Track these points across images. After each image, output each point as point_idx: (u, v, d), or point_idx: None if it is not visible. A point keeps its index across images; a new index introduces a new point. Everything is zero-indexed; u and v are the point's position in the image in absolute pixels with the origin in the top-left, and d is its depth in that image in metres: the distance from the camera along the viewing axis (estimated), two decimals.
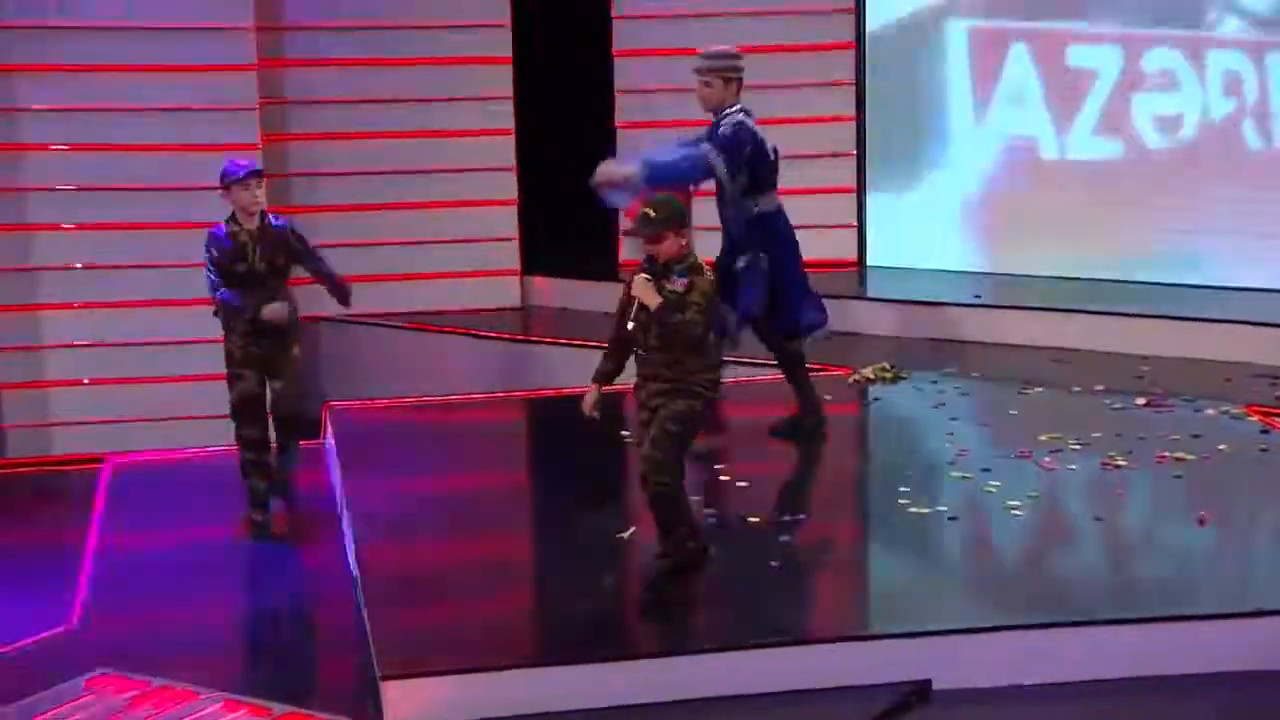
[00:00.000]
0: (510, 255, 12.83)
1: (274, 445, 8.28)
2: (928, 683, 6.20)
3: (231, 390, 8.17)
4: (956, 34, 12.27)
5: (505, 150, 12.68)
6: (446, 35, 12.49)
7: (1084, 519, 7.70)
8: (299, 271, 8.28)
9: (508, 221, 12.80)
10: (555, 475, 8.84)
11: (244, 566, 8.11)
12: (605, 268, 12.75)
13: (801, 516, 7.66)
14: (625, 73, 12.77)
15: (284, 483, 8.32)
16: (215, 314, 8.18)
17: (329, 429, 9.54)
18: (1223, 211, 11.42)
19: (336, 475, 8.77)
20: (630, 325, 6.48)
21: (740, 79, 8.44)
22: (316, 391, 11.84)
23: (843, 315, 10.59)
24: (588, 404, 6.73)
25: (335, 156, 12.51)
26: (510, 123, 12.67)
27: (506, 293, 12.84)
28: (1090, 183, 11.81)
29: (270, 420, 8.28)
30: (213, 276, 8.03)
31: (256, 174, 7.98)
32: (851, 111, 12.73)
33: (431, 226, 12.61)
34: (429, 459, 9.05)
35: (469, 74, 12.56)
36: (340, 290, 8.32)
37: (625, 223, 7.28)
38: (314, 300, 11.66)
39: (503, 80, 12.63)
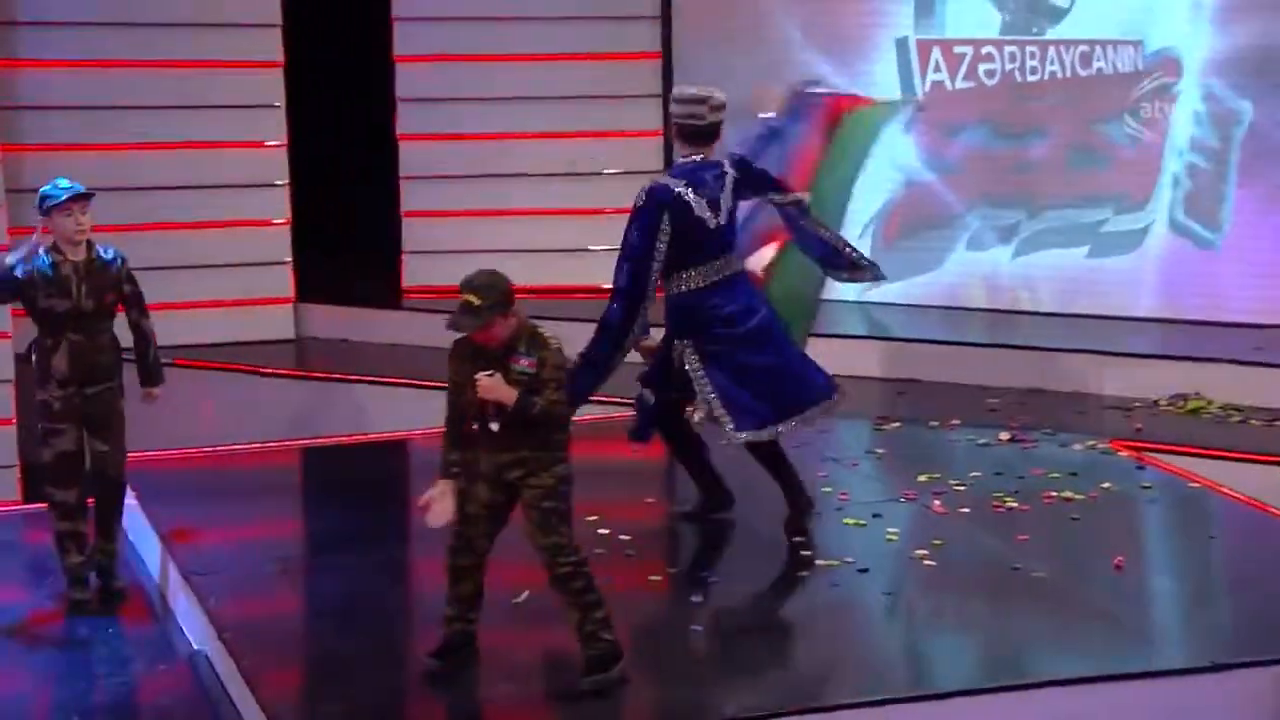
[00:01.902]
0: (282, 281, 12.50)
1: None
2: None
3: (45, 449, 7.71)
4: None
5: (278, 165, 12.40)
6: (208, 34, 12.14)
7: (1000, 568, 7.79)
8: None
9: (280, 244, 12.50)
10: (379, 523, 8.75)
11: (75, 653, 7.59)
12: (387, 294, 12.66)
13: (707, 575, 7.61)
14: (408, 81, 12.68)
15: (111, 556, 7.90)
16: (28, 357, 7.76)
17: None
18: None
19: (148, 537, 8.41)
20: (494, 427, 6.24)
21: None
22: None
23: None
24: (438, 514, 6.40)
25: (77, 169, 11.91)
26: (282, 135, 12.37)
27: (279, 323, 12.49)
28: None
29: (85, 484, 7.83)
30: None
31: (81, 197, 7.52)
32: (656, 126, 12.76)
33: (196, 250, 12.23)
34: (241, 509, 8.82)
35: (236, 79, 12.21)
36: (153, 368, 7.88)
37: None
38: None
39: (273, 86, 12.34)
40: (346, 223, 13.10)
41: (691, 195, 7.73)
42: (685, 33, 12.54)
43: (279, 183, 12.39)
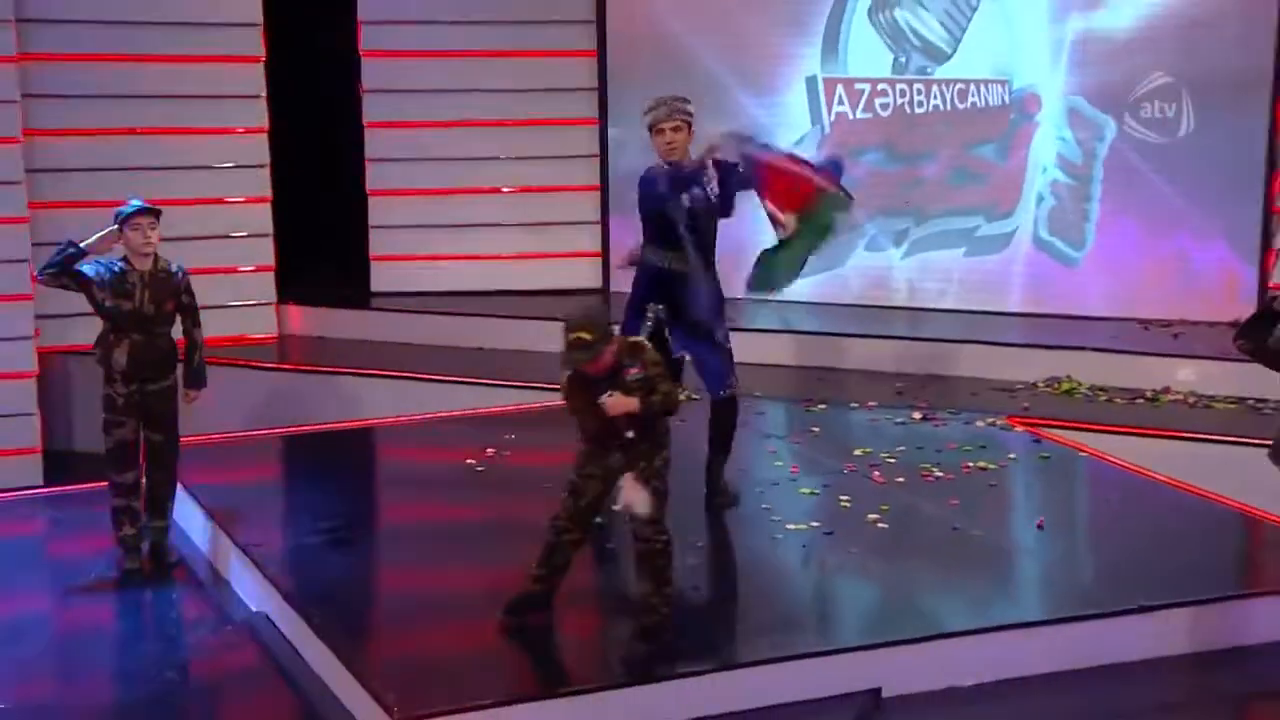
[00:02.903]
0: (267, 284, 12.19)
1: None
2: (878, 690, 6.27)
3: (108, 436, 7.61)
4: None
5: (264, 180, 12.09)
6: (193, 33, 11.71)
7: (942, 528, 7.86)
8: None
9: (264, 250, 12.16)
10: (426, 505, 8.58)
11: (142, 614, 7.51)
12: (357, 297, 12.55)
13: (695, 540, 7.52)
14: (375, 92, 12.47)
15: (163, 532, 7.81)
16: (96, 359, 7.61)
17: None
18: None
19: (194, 514, 8.24)
20: (630, 435, 6.20)
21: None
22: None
23: None
24: (641, 502, 6.23)
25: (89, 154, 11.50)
26: (265, 156, 12.04)
27: (264, 322, 12.19)
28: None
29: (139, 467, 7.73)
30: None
31: (149, 212, 7.42)
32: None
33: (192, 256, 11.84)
34: (278, 486, 8.77)
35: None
36: (197, 372, 7.77)
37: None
38: (64, 331, 11.06)
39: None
40: (321, 235, 12.90)
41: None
42: (618, 72, 12.42)
43: (265, 197, 12.05)
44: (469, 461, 8.91)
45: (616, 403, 6.10)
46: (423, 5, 12.28)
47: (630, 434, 6.17)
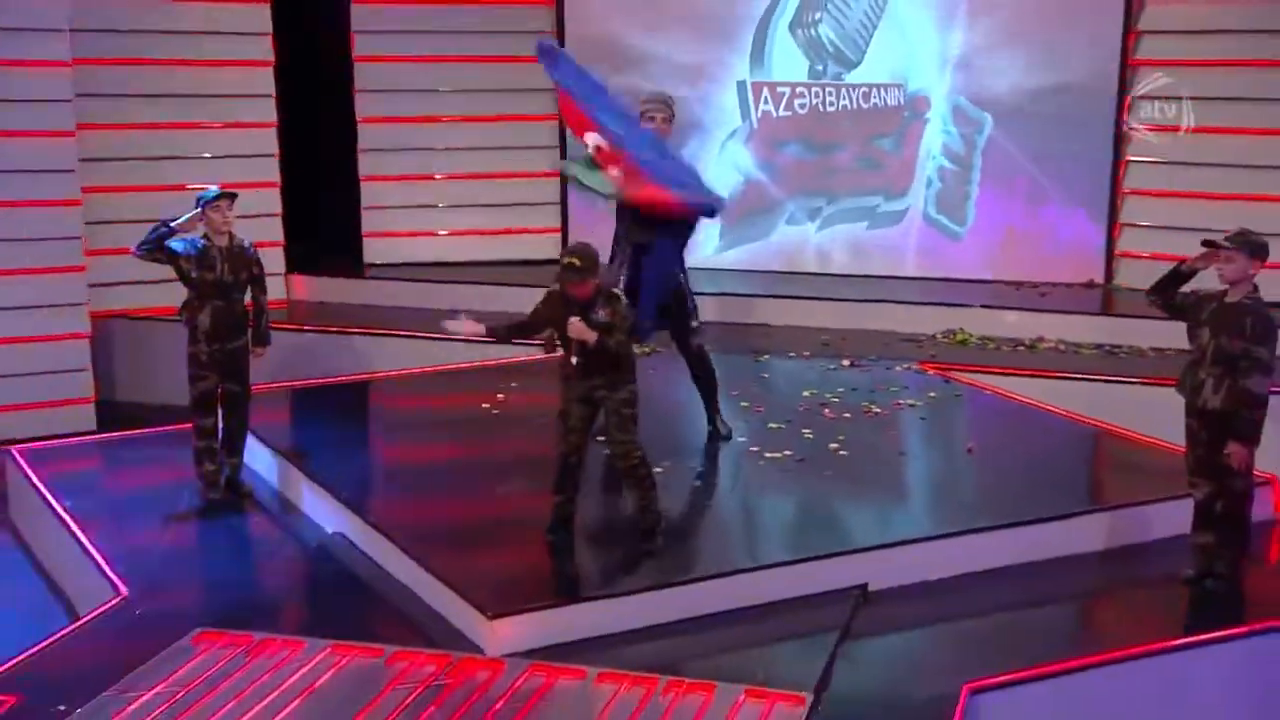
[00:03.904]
0: (277, 257, 12.02)
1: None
2: (865, 586, 6.55)
3: (193, 387, 7.67)
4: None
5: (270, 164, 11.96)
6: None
7: (892, 454, 8.12)
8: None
9: (274, 230, 12.00)
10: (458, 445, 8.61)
11: (233, 534, 7.54)
12: (354, 267, 12.55)
13: (694, 466, 7.72)
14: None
15: (237, 468, 7.92)
16: (182, 321, 7.67)
17: None
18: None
19: (261, 453, 8.27)
20: (574, 361, 6.42)
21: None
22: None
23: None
24: (465, 328, 6.66)
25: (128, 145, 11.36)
26: (274, 147, 11.93)
27: (274, 289, 12.00)
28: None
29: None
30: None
31: (226, 196, 7.51)
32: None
33: None
34: (333, 435, 8.68)
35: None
36: (264, 333, 7.83)
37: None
38: (110, 298, 11.03)
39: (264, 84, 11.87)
40: (321, 216, 12.89)
41: None
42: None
43: (274, 182, 11.95)
44: (484, 405, 9.03)
45: (578, 327, 6.33)
46: (406, 18, 12.24)
47: (575, 360, 6.41)
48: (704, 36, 12.19)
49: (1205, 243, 6.45)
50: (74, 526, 7.39)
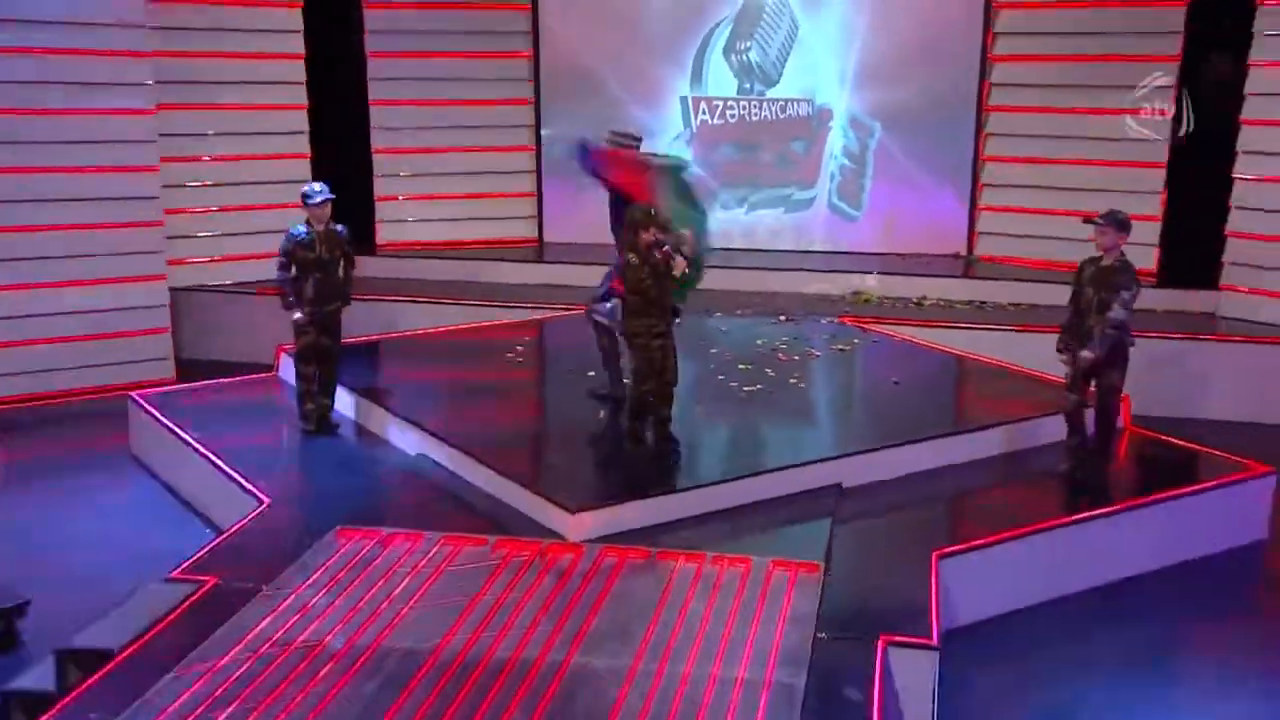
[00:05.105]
0: None
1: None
2: (839, 485, 6.97)
3: (298, 341, 7.92)
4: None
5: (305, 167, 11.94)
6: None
7: (841, 385, 8.52)
8: None
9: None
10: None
11: (337, 456, 7.70)
12: (366, 247, 12.47)
13: (694, 400, 7.92)
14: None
15: (328, 408, 8.14)
16: (287, 299, 7.85)
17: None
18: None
19: (341, 394, 8.38)
20: (675, 274, 6.70)
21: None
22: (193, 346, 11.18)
23: (533, 274, 11.25)
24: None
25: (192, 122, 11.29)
26: (305, 125, 11.84)
27: None
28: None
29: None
30: (283, 272, 7.75)
31: (328, 200, 7.79)
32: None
33: (257, 222, 11.66)
34: (396, 378, 8.81)
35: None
36: (347, 295, 8.01)
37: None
38: (184, 274, 11.11)
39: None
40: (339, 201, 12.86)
41: None
42: (549, 90, 12.56)
43: (305, 153, 11.88)
44: (508, 355, 9.24)
45: (681, 263, 6.71)
46: (410, 20, 12.23)
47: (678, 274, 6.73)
48: (655, 60, 12.35)
49: (1086, 219, 7.10)
50: (209, 453, 7.61)
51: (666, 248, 6.69)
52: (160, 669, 5.08)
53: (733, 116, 12.39)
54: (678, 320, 7.27)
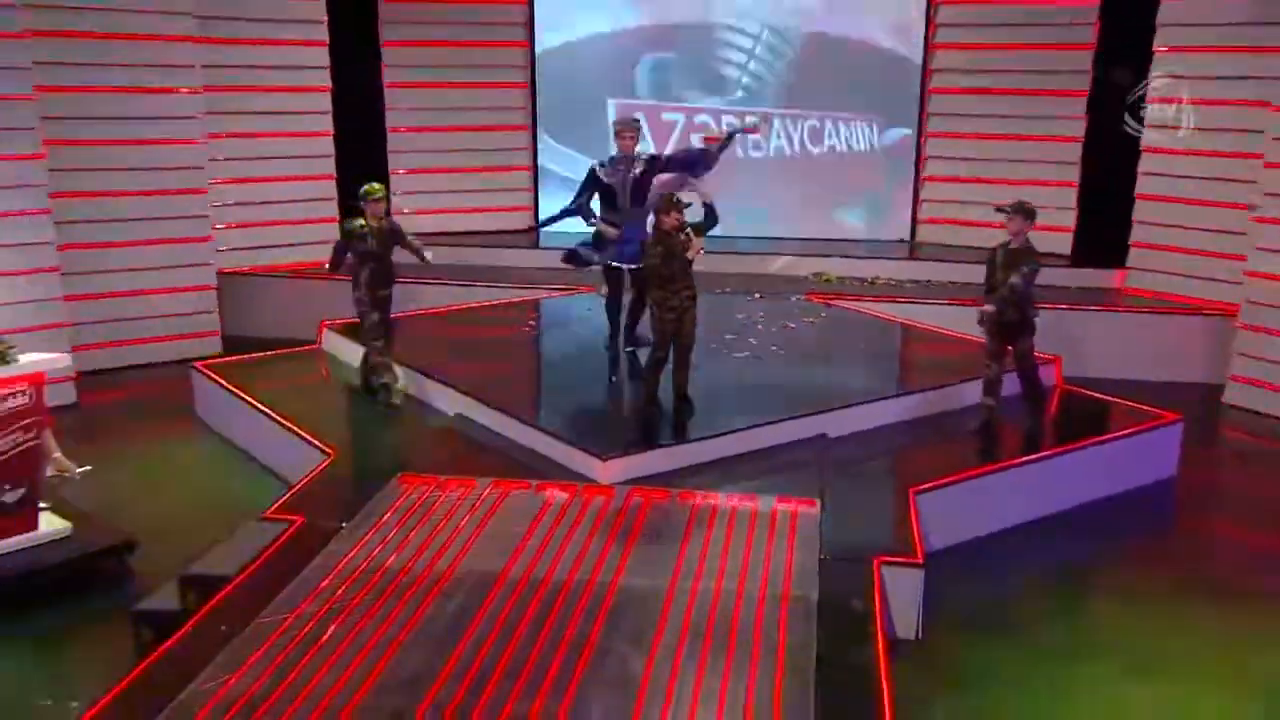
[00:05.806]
0: (330, 229, 12.06)
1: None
2: (825, 434, 7.24)
3: (364, 320, 8.03)
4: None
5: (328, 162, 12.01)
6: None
7: (818, 351, 8.69)
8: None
9: (330, 209, 11.98)
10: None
11: (383, 415, 7.83)
12: None
13: (697, 366, 7.87)
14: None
15: (391, 371, 8.26)
16: (353, 275, 7.98)
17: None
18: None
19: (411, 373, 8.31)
20: (690, 255, 6.92)
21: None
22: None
23: (526, 259, 11.28)
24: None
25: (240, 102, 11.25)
26: (330, 126, 11.81)
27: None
28: None
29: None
30: (337, 255, 7.92)
31: (378, 200, 7.94)
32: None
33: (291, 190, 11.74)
34: (428, 349, 8.81)
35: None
36: (419, 251, 8.08)
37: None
38: (229, 259, 11.21)
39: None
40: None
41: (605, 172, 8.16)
42: (545, 99, 12.70)
43: (330, 174, 11.93)
44: (523, 329, 9.43)
45: (699, 244, 6.94)
46: (422, 32, 12.30)
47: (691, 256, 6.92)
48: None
49: (997, 208, 7.44)
50: (274, 414, 7.80)
51: (689, 231, 6.94)
52: (269, 592, 5.32)
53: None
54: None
